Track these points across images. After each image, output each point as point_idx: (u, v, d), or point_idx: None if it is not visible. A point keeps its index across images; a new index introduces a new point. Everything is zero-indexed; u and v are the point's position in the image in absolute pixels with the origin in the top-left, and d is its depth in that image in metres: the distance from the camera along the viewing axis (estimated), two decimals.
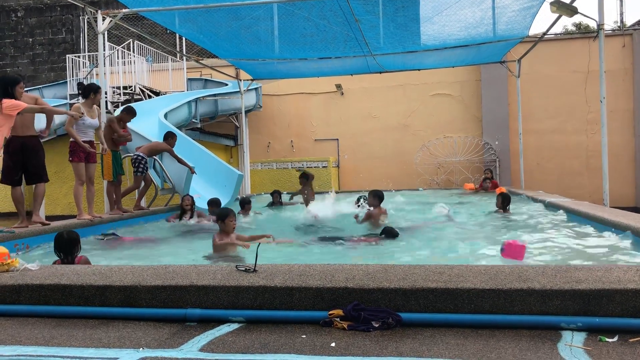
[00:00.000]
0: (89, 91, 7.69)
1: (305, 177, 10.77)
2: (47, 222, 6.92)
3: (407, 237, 6.76)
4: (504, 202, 8.84)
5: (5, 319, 3.18)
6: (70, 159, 7.47)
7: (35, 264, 3.81)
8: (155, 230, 8.37)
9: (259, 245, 3.57)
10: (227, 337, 2.72)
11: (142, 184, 9.41)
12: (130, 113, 8.87)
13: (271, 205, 11.64)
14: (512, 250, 4.34)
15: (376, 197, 7.93)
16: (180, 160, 9.61)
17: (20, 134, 6.57)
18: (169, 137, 9.72)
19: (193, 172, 9.76)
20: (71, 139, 7.47)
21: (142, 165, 9.11)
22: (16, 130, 6.49)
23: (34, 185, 6.81)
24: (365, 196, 9.76)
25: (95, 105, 7.75)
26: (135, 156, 9.19)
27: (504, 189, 13.13)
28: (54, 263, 4.63)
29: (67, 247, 4.64)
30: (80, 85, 8.12)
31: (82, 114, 7.41)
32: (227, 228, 5.80)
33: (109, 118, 8.65)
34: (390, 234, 6.59)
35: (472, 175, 16.86)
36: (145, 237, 7.61)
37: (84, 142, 7.43)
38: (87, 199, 7.74)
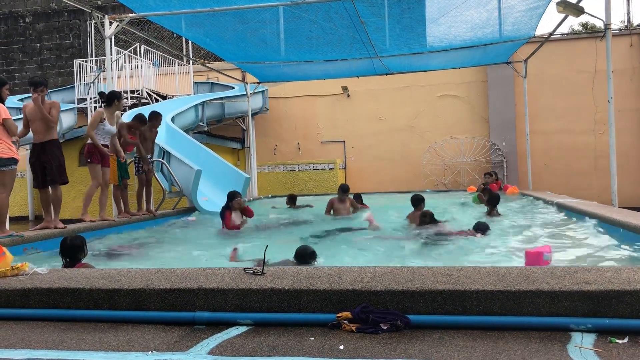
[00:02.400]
0: (113, 98, 7.92)
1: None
2: (65, 225, 7.01)
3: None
4: (490, 201, 8.76)
5: (15, 322, 3.20)
6: (89, 160, 7.57)
7: (45, 267, 3.84)
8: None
9: (266, 248, 3.57)
10: (235, 340, 2.73)
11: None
12: (141, 121, 8.88)
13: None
14: (530, 259, 4.31)
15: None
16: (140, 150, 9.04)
17: (39, 142, 6.70)
18: (150, 118, 9.21)
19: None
20: (88, 142, 7.59)
21: (139, 166, 9.12)
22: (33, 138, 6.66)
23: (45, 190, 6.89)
24: None
25: (116, 112, 7.94)
26: (134, 159, 9.23)
27: (516, 189, 13.07)
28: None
29: (69, 252, 4.68)
30: (101, 94, 8.28)
31: (104, 119, 7.61)
32: None
33: (120, 124, 8.70)
34: (483, 227, 6.81)
35: (479, 176, 16.80)
36: None
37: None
38: (99, 201, 7.83)
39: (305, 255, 4.83)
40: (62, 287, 3.31)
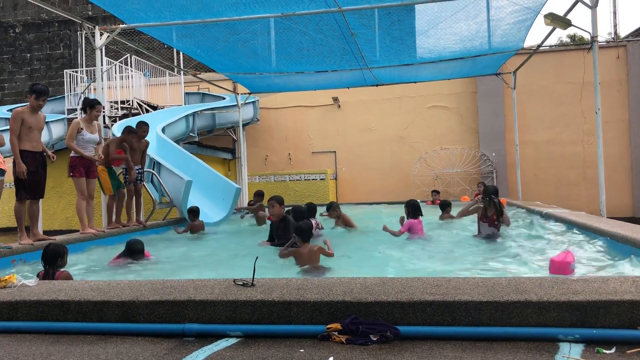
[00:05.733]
0: (85, 106, 7.80)
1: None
2: (53, 237, 6.93)
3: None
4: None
5: (2, 335, 3.17)
6: (71, 174, 7.51)
7: (33, 280, 3.81)
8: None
9: (256, 259, 3.57)
10: (225, 352, 2.72)
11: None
12: (130, 132, 8.92)
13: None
14: (556, 268, 4.32)
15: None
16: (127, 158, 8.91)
17: (39, 150, 6.60)
18: (136, 128, 9.17)
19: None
20: (71, 154, 7.53)
21: (127, 177, 9.09)
22: (33, 146, 6.49)
23: (29, 202, 6.77)
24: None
25: (95, 121, 7.83)
26: (121, 170, 9.21)
27: (504, 201, 13.16)
28: (38, 274, 4.73)
29: (50, 259, 4.74)
30: (84, 100, 8.27)
31: (82, 128, 7.53)
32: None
33: (109, 140, 8.72)
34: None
35: (470, 186, 16.90)
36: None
37: None
38: (87, 213, 7.77)
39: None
40: (51, 299, 3.29)
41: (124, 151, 8.71)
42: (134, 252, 6.30)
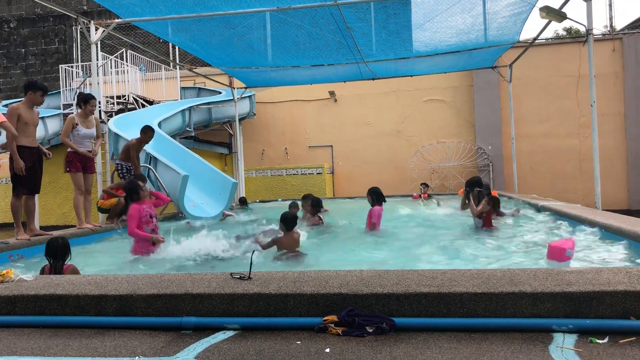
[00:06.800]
0: (79, 101, 7.82)
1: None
2: (49, 233, 6.93)
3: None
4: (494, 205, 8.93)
5: (0, 329, 3.19)
6: (67, 169, 7.51)
7: (31, 274, 3.82)
8: None
9: (253, 252, 3.59)
10: (222, 345, 2.74)
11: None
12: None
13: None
14: (552, 253, 4.35)
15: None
16: (134, 161, 9.21)
17: (35, 145, 6.61)
18: (142, 131, 9.39)
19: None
20: (68, 150, 7.52)
21: (124, 172, 9.11)
22: (30, 142, 6.50)
23: (25, 197, 6.76)
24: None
25: (92, 115, 7.81)
26: (116, 165, 9.22)
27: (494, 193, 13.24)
28: (43, 268, 4.67)
29: (60, 253, 4.70)
30: (78, 95, 8.31)
31: (77, 124, 7.51)
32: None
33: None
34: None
35: (466, 180, 16.93)
36: None
37: None
38: (84, 208, 7.78)
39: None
40: (49, 293, 3.30)
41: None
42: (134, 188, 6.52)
